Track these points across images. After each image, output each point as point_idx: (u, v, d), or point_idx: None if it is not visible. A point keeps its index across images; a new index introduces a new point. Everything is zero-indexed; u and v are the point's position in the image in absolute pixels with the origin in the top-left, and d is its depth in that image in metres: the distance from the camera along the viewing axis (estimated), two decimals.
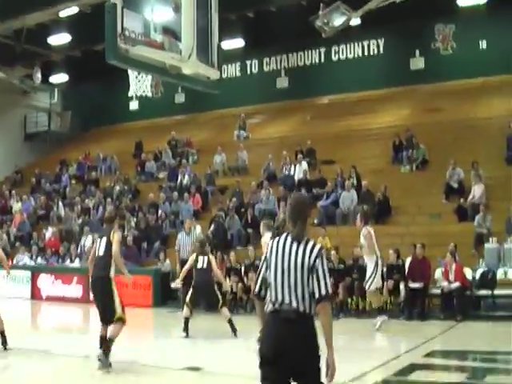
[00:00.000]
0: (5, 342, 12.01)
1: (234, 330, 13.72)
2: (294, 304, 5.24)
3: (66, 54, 35.66)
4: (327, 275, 5.30)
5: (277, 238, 5.51)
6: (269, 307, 5.42)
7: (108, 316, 10.40)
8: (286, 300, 5.28)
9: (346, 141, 26.80)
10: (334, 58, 32.75)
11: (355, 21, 19.30)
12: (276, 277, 5.35)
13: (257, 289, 5.55)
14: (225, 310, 14.03)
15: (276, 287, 5.34)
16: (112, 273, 10.39)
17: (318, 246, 5.36)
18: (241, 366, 10.50)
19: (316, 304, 5.24)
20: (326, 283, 5.26)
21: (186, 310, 13.96)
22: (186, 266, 14.68)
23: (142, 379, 10.00)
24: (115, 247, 10.48)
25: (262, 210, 22.59)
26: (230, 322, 13.77)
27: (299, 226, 5.42)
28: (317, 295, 5.22)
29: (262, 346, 5.34)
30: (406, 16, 26.68)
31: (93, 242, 11.66)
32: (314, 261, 5.26)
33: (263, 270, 5.51)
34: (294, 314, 5.24)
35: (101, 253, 10.52)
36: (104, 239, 10.57)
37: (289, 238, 5.42)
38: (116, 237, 10.51)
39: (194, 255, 14.53)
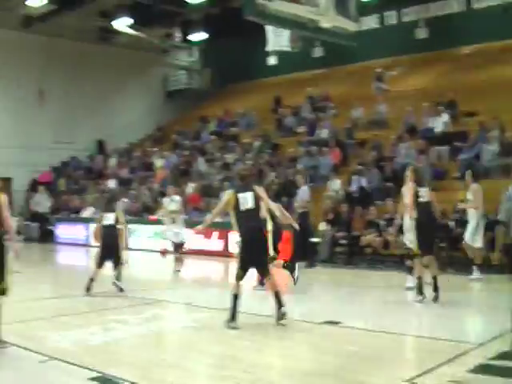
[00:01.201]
0: None
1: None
2: None
3: (205, 12, 36.01)
4: None
5: None
6: None
7: (266, 265, 10.55)
8: None
9: (488, 92, 25.90)
10: (476, 5, 31.66)
11: None
12: None
13: None
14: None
15: None
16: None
17: None
18: (379, 322, 10.54)
19: None
20: None
21: None
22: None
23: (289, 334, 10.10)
24: (266, 198, 10.64)
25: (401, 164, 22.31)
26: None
27: None
28: None
29: None
30: None
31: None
32: None
33: None
34: None
35: (250, 205, 10.37)
36: (249, 193, 10.42)
37: None
38: (262, 190, 10.62)
39: None
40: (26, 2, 30.80)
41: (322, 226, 20.24)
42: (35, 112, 35.82)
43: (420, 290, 12.20)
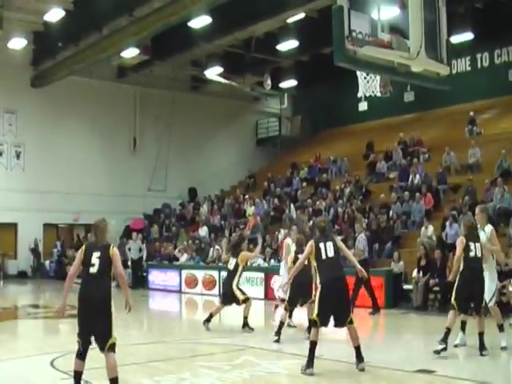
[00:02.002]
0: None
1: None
2: None
3: (295, 60, 36.33)
4: None
5: None
6: None
7: (348, 315, 10.51)
8: None
9: None
10: None
11: None
12: None
13: None
14: None
15: None
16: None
17: None
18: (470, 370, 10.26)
19: None
20: None
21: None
22: None
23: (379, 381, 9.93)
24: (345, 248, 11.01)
25: (496, 208, 21.84)
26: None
27: None
28: None
29: None
30: None
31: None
32: None
33: None
34: None
35: (330, 254, 10.57)
36: (329, 243, 10.66)
37: None
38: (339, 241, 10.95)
39: None
40: (120, 54, 31.64)
41: (415, 273, 19.94)
42: (129, 160, 36.63)
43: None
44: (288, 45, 32.85)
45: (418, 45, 9.10)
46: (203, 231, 31.31)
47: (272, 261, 24.94)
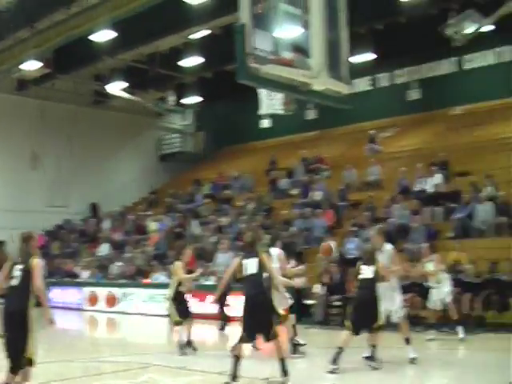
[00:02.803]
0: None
1: None
2: None
3: (199, 76, 36.34)
4: None
5: None
6: None
7: (270, 330, 10.44)
8: None
9: (480, 151, 26.09)
10: (467, 66, 32.00)
11: (488, 27, 18.79)
12: None
13: None
14: None
15: None
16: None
17: None
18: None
19: None
20: None
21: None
22: None
23: None
24: (270, 265, 10.94)
25: (395, 224, 22.32)
26: None
27: None
28: None
29: None
30: None
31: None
32: None
33: None
34: None
35: (252, 271, 10.60)
36: (253, 260, 10.65)
37: None
38: (265, 256, 10.82)
39: None
40: (21, 66, 30.98)
41: (316, 289, 20.16)
42: (29, 176, 35.87)
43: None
44: (192, 61, 32.82)
45: (320, 64, 9.23)
46: (105, 248, 30.93)
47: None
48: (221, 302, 18.86)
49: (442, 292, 15.95)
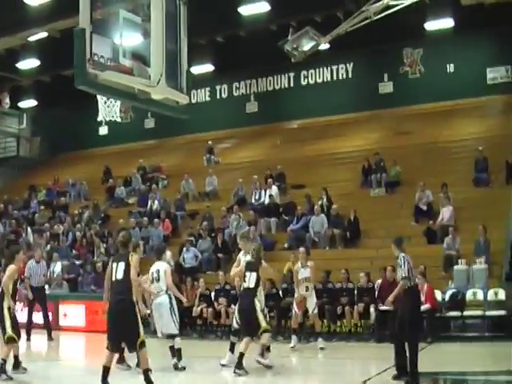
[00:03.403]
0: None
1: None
2: None
3: (35, 79, 35.53)
4: None
5: None
6: None
7: (134, 340, 10.03)
8: None
9: (315, 165, 26.89)
10: (303, 82, 32.89)
11: (324, 45, 19.35)
12: None
13: None
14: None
15: None
16: (134, 297, 10.17)
17: None
18: None
19: None
20: None
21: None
22: None
23: None
24: (133, 271, 10.17)
25: (232, 235, 22.57)
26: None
27: None
28: None
29: None
30: (374, 40, 27.08)
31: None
32: None
33: None
34: None
35: (119, 276, 10.16)
36: (121, 263, 10.20)
37: None
38: (134, 260, 10.25)
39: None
40: None
41: None
42: None
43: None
44: (29, 63, 32.12)
45: (159, 73, 9.22)
46: None
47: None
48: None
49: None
